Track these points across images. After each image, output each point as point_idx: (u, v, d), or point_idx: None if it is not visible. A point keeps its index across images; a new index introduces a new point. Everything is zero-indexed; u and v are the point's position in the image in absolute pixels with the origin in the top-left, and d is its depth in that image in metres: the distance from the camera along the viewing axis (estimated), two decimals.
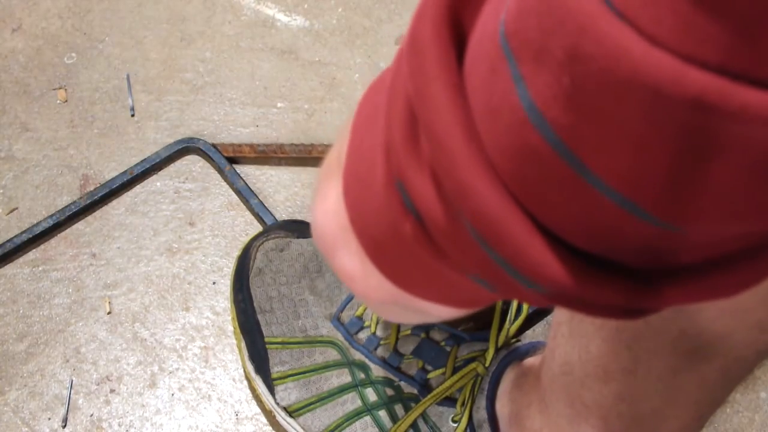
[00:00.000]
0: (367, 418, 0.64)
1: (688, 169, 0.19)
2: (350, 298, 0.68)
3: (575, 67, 0.19)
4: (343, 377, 0.66)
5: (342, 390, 0.65)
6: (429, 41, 0.23)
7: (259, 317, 0.68)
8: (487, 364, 0.64)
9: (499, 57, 0.21)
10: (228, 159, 0.78)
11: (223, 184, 0.78)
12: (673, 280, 0.22)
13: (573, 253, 0.22)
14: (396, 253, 0.27)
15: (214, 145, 0.78)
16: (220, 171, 0.78)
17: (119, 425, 0.70)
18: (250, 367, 0.68)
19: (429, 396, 0.64)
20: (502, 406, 0.63)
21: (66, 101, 0.81)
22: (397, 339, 0.66)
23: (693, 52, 0.17)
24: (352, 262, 0.29)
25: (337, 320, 0.67)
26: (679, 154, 0.19)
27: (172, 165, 0.79)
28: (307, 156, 0.78)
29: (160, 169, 0.79)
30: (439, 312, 0.30)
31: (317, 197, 0.31)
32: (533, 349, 0.65)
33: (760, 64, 0.17)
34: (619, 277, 0.22)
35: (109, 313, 0.73)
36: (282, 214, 0.77)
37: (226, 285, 0.74)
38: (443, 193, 0.23)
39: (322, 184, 0.31)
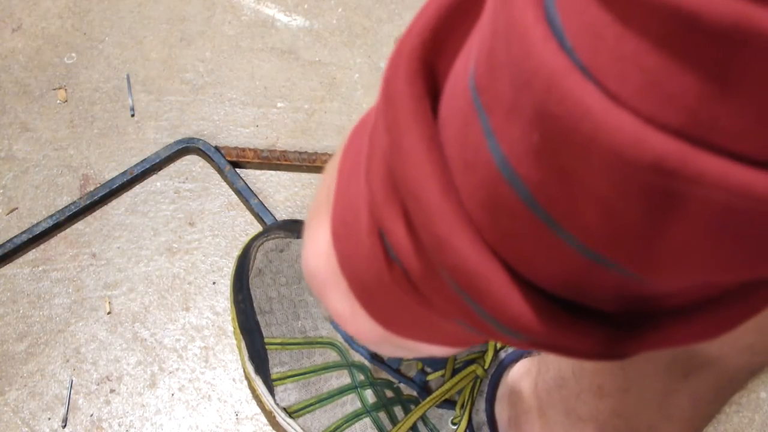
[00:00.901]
0: (367, 420, 0.64)
1: (651, 227, 0.19)
2: None
3: (543, 125, 0.19)
4: (342, 378, 0.66)
5: (341, 391, 0.65)
6: (403, 94, 0.23)
7: (259, 318, 0.68)
8: (486, 366, 0.64)
9: (471, 110, 0.21)
10: (231, 163, 0.78)
11: (223, 184, 0.78)
12: (653, 325, 0.23)
13: (552, 301, 0.22)
14: (383, 298, 0.27)
15: (214, 146, 0.78)
16: (220, 171, 0.78)
17: (119, 425, 0.70)
18: (250, 368, 0.68)
19: (428, 398, 0.64)
20: (501, 410, 0.63)
21: (66, 101, 0.81)
22: None
23: (655, 114, 0.17)
24: (342, 303, 0.30)
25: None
26: (642, 212, 0.19)
27: (172, 165, 0.79)
28: (310, 165, 0.78)
29: (160, 169, 0.79)
30: (430, 350, 0.31)
31: (308, 237, 0.31)
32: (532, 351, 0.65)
33: (719, 131, 0.17)
34: (598, 324, 0.22)
35: (109, 313, 0.73)
36: (282, 214, 0.77)
37: (226, 285, 0.74)
38: (422, 245, 0.23)
39: (313, 224, 0.31)
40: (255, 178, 0.79)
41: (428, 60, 0.24)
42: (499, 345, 0.65)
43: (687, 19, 0.16)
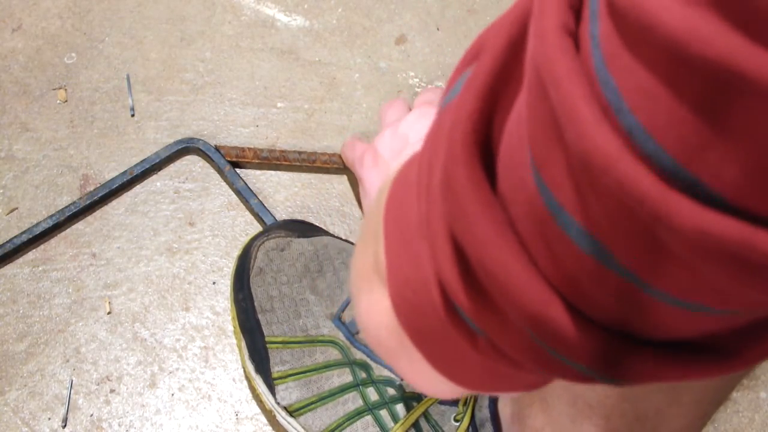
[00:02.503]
0: (369, 418, 0.64)
1: (733, 285, 0.21)
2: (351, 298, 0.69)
3: (609, 203, 0.20)
4: (344, 377, 0.66)
5: (343, 389, 0.65)
6: (465, 184, 0.24)
7: (260, 316, 0.68)
8: None
9: (534, 189, 0.23)
10: (230, 163, 0.78)
11: (223, 184, 0.78)
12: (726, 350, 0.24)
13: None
14: (467, 367, 0.29)
15: (214, 146, 0.78)
16: (220, 171, 0.78)
17: (119, 425, 0.70)
18: (250, 367, 0.68)
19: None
20: (504, 405, 0.63)
21: (66, 101, 0.81)
22: None
23: (709, 181, 0.18)
24: (417, 370, 0.32)
25: (338, 320, 0.68)
26: (724, 275, 0.20)
27: (172, 165, 0.79)
28: (310, 165, 0.78)
29: (160, 169, 0.79)
30: (509, 393, 0.33)
31: (364, 307, 0.33)
32: None
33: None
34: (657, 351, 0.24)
35: (109, 313, 0.73)
36: (282, 214, 0.77)
37: (226, 285, 0.74)
38: (511, 320, 0.25)
39: (364, 291, 0.33)
40: (255, 178, 0.79)
41: (482, 138, 0.25)
42: None
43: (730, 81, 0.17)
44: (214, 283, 0.75)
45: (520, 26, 0.24)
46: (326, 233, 0.73)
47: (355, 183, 0.78)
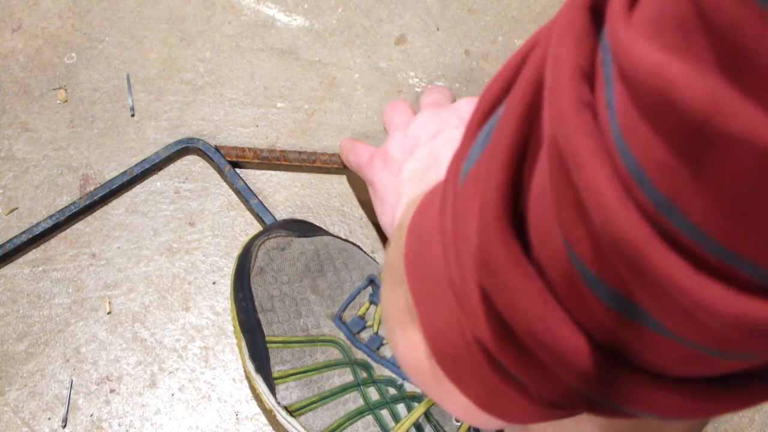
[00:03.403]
0: (369, 418, 0.64)
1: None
2: (352, 298, 0.68)
3: (645, 284, 0.21)
4: (345, 376, 0.66)
5: (344, 389, 0.65)
6: (502, 261, 0.25)
7: (260, 316, 0.68)
8: None
9: (569, 264, 0.23)
10: (231, 163, 0.78)
11: (223, 184, 0.78)
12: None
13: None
14: (518, 408, 0.30)
15: (214, 146, 0.78)
16: (220, 171, 0.78)
17: (119, 425, 0.70)
18: (251, 366, 0.67)
19: None
20: None
21: (66, 101, 0.81)
22: None
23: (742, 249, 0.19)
24: (466, 410, 0.33)
25: (339, 319, 0.67)
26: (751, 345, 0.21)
27: (172, 165, 0.79)
28: (310, 165, 0.78)
29: (160, 169, 0.79)
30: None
31: (401, 349, 0.34)
32: None
33: None
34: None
35: (109, 313, 0.73)
36: (282, 214, 0.77)
37: (226, 285, 0.74)
38: (565, 384, 0.26)
39: (400, 334, 0.34)
40: (255, 178, 0.79)
41: (511, 210, 0.25)
42: None
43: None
44: (214, 283, 0.75)
45: (533, 91, 0.24)
46: (326, 233, 0.73)
47: (355, 184, 0.78)
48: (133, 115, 0.81)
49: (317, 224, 0.75)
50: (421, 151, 0.65)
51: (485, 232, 0.25)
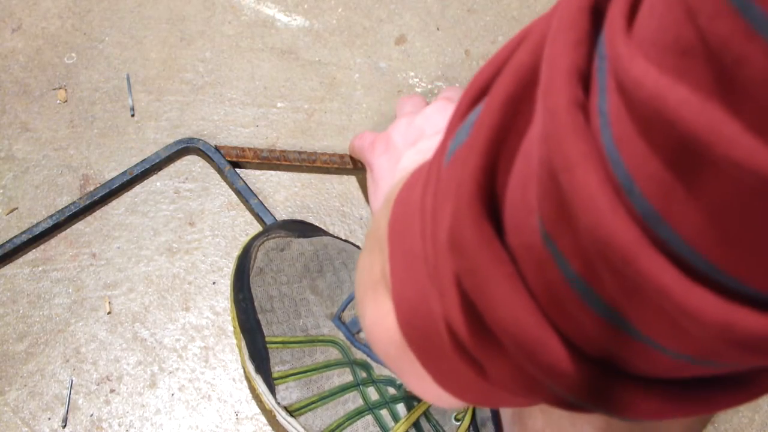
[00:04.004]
0: (369, 417, 0.64)
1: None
2: (351, 298, 0.68)
3: (630, 288, 0.21)
4: (344, 376, 0.66)
5: (343, 389, 0.65)
6: (474, 242, 0.25)
7: (260, 316, 0.68)
8: None
9: (547, 253, 0.23)
10: (231, 163, 0.78)
11: (223, 184, 0.78)
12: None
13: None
14: (475, 388, 0.30)
15: (214, 146, 0.78)
16: (220, 171, 0.78)
17: (119, 425, 0.70)
18: (250, 367, 0.67)
19: None
20: None
21: (66, 101, 0.81)
22: None
23: (730, 267, 0.19)
24: (423, 383, 0.33)
25: (338, 319, 0.67)
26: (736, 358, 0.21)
27: (172, 165, 0.79)
28: (310, 165, 0.78)
29: (160, 169, 0.79)
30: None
31: (370, 315, 0.34)
32: None
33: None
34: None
35: (109, 313, 0.73)
36: (282, 214, 0.77)
37: (226, 285, 0.74)
38: (525, 373, 0.26)
39: (371, 301, 0.34)
40: (255, 178, 0.79)
41: (487, 193, 0.25)
42: None
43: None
44: (214, 283, 0.75)
45: (521, 79, 0.24)
46: (326, 233, 0.72)
47: (364, 184, 0.78)
48: (133, 115, 0.81)
49: (317, 224, 0.75)
50: (423, 144, 0.65)
51: (459, 213, 0.25)
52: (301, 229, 0.72)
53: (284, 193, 0.78)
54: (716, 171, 0.17)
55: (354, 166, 0.77)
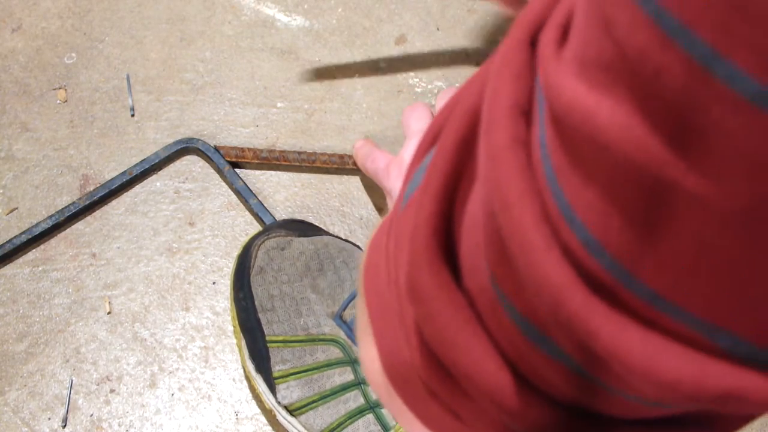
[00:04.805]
0: (370, 416, 0.64)
1: None
2: (352, 297, 0.68)
3: (562, 328, 0.21)
4: (345, 375, 0.66)
5: (344, 388, 0.65)
6: (431, 288, 0.25)
7: (260, 316, 0.68)
8: None
9: (496, 298, 0.23)
10: (230, 163, 0.78)
11: (223, 184, 0.78)
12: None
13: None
14: (450, 429, 0.30)
15: (214, 146, 0.78)
16: (220, 171, 0.78)
17: (119, 425, 0.70)
18: (251, 366, 0.67)
19: None
20: None
21: (66, 101, 0.81)
22: None
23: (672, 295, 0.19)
24: (408, 419, 0.33)
25: (339, 318, 0.67)
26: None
27: (171, 165, 0.79)
28: (310, 165, 0.78)
29: (160, 169, 0.79)
30: None
31: (363, 355, 0.35)
32: None
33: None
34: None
35: (109, 313, 0.73)
36: (281, 214, 0.77)
37: (226, 285, 0.74)
38: (494, 418, 0.26)
39: (364, 343, 0.34)
40: (255, 178, 0.79)
41: (443, 237, 0.25)
42: None
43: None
44: (214, 283, 0.75)
45: (470, 121, 0.24)
46: (326, 233, 0.72)
47: (368, 183, 0.78)
48: (133, 115, 0.81)
49: (317, 224, 0.75)
50: None
51: (414, 258, 0.25)
52: (301, 228, 0.72)
53: (284, 193, 0.78)
54: (653, 195, 0.17)
55: (354, 166, 0.77)
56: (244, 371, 0.70)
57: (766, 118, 0.15)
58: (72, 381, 0.71)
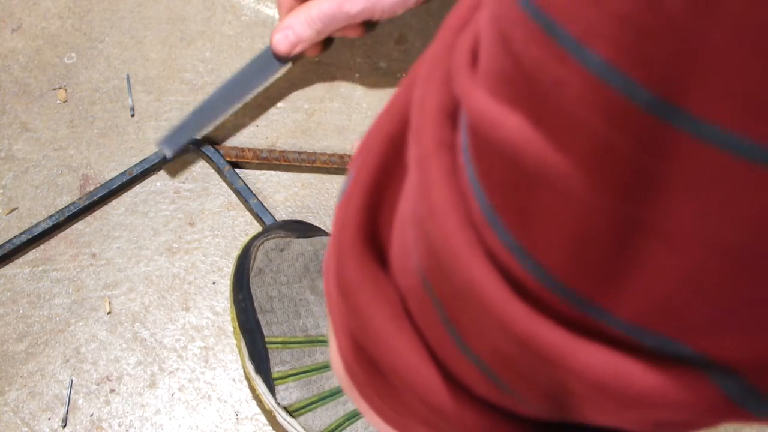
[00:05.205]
0: None
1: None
2: None
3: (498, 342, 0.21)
4: None
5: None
6: (357, 282, 0.25)
7: (260, 317, 0.68)
8: None
9: (426, 297, 0.23)
10: (230, 163, 0.78)
11: (223, 184, 0.78)
12: None
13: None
14: (401, 424, 0.30)
15: (214, 146, 0.78)
16: (220, 171, 0.78)
17: (119, 425, 0.70)
18: (250, 367, 0.67)
19: None
20: None
21: (66, 101, 0.81)
22: None
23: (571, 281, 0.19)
24: (368, 412, 0.33)
25: None
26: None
27: (171, 165, 0.79)
28: (309, 165, 0.78)
29: (160, 169, 0.79)
30: None
31: (332, 349, 0.35)
32: None
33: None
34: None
35: (109, 313, 0.73)
36: (281, 214, 0.77)
37: (226, 285, 0.74)
38: (421, 412, 0.26)
39: (330, 338, 0.34)
40: (255, 178, 0.79)
41: (370, 231, 0.25)
42: None
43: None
44: (214, 283, 0.75)
45: (399, 122, 0.25)
46: (326, 233, 0.72)
47: None
48: (133, 115, 0.81)
49: (317, 224, 0.75)
50: None
51: (341, 253, 0.25)
52: (301, 229, 0.72)
53: (284, 193, 0.78)
54: (556, 200, 0.17)
55: None
56: (244, 372, 0.70)
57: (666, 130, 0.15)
58: (72, 381, 0.71)
